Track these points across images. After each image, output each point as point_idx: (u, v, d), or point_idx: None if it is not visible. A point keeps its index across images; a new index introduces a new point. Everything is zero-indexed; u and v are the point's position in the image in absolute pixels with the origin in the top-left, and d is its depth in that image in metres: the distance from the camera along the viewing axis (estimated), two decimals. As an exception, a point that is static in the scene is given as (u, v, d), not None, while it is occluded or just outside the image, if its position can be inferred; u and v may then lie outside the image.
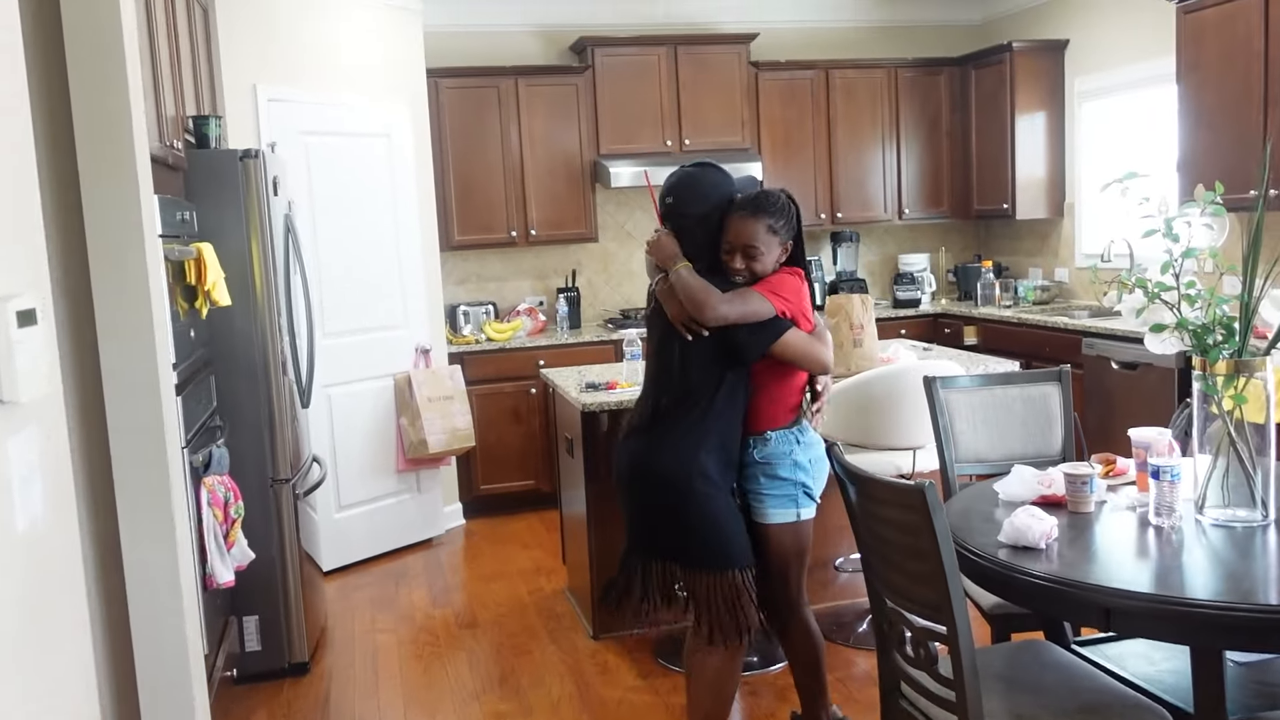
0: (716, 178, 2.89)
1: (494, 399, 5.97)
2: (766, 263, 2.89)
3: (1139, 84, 5.78)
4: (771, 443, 2.95)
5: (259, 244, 3.86)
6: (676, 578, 2.96)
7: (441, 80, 6.00)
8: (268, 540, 3.90)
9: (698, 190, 2.87)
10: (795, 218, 2.95)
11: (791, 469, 2.96)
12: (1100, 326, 5.26)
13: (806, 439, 3.00)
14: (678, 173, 2.93)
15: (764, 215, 2.86)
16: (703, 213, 2.86)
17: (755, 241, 2.86)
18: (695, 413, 2.84)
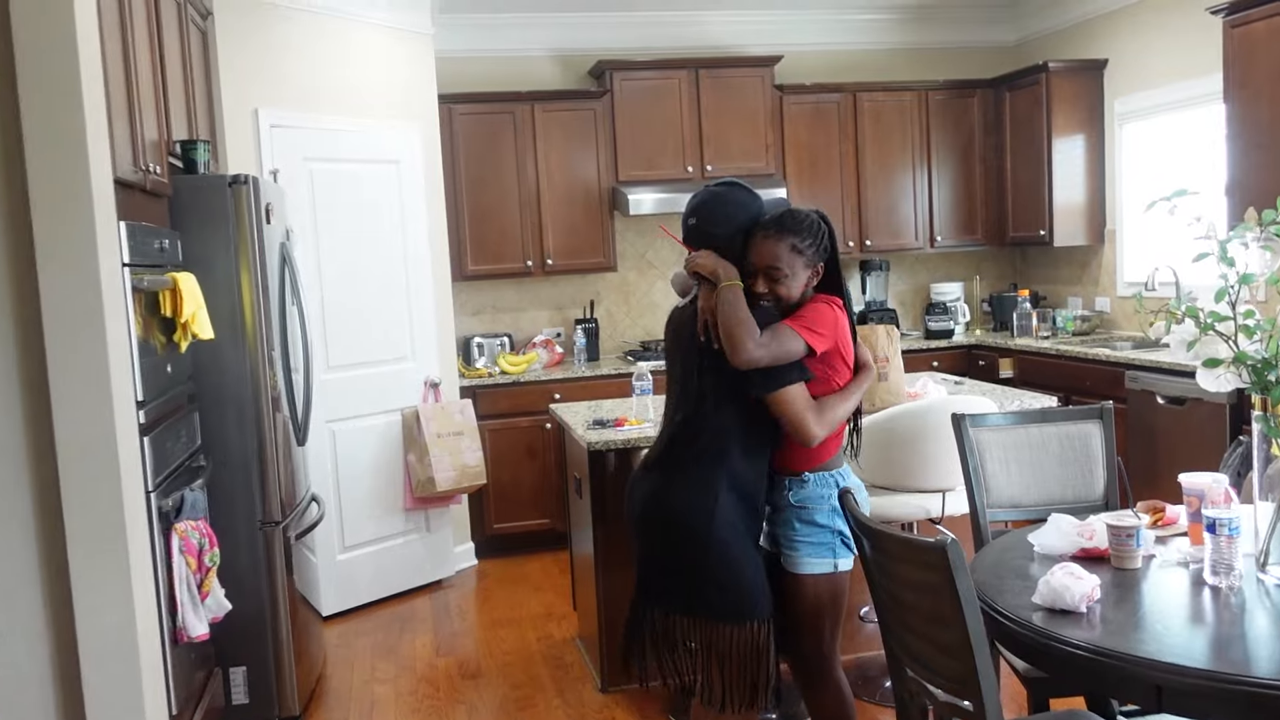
0: (742, 197, 2.67)
1: (507, 434, 5.75)
2: (792, 287, 2.66)
3: (1183, 104, 5.50)
4: (809, 485, 2.70)
5: (250, 274, 3.68)
6: (688, 631, 2.70)
7: (455, 106, 5.84)
8: (257, 586, 3.70)
9: (722, 210, 2.64)
10: (827, 239, 2.71)
11: (830, 515, 2.70)
12: (1144, 359, 4.96)
13: (846, 482, 2.75)
14: (702, 192, 2.71)
15: (788, 234, 2.63)
16: (728, 234, 2.63)
17: (778, 262, 2.63)
18: (715, 448, 2.60)
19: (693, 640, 2.66)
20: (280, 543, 3.77)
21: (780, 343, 2.55)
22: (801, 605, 2.73)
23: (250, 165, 4.58)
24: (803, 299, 2.71)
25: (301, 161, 4.82)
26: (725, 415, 2.59)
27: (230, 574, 3.62)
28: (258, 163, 4.62)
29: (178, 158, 3.62)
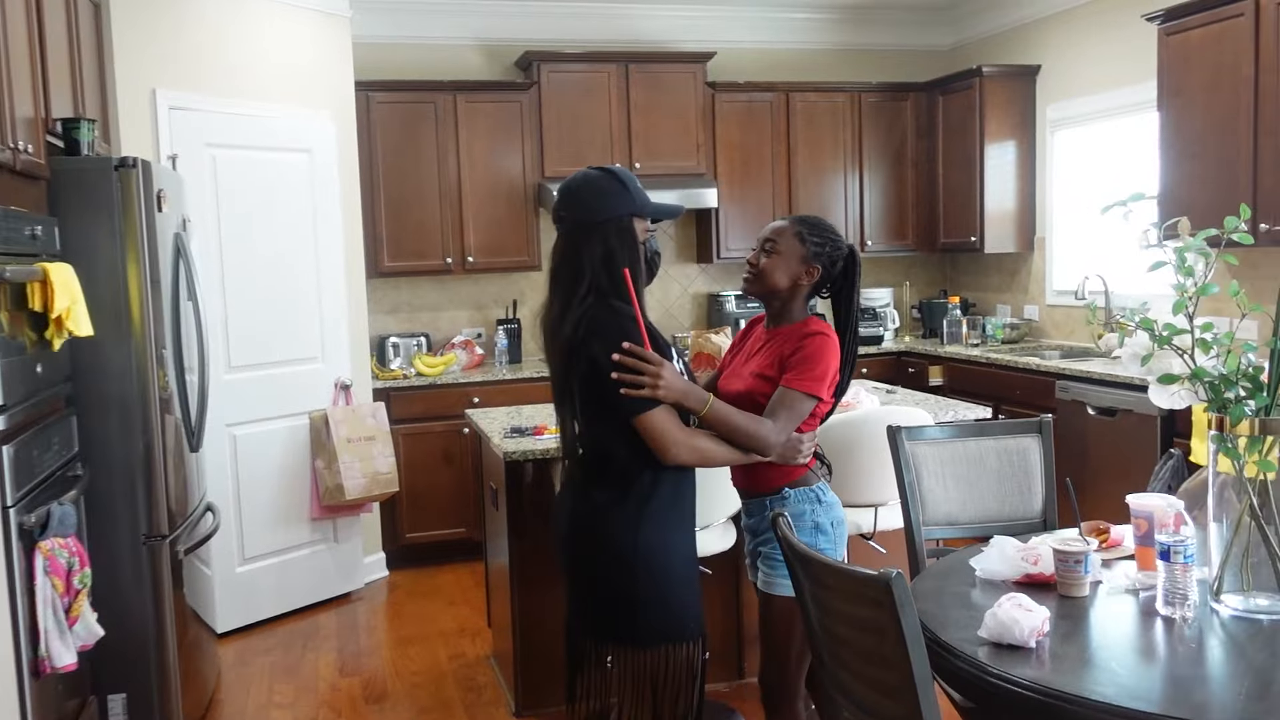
0: (608, 187, 2.37)
1: (423, 439, 5.49)
2: (778, 268, 2.56)
3: (1115, 111, 5.46)
4: (790, 501, 2.57)
5: (138, 265, 3.38)
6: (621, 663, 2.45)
7: (374, 94, 5.57)
8: (140, 605, 3.41)
9: (577, 195, 2.39)
10: (842, 261, 2.61)
11: (811, 533, 2.56)
12: (1075, 369, 4.89)
13: (828, 498, 2.62)
14: (575, 173, 2.49)
15: (801, 223, 2.61)
16: (579, 220, 2.36)
17: (777, 237, 2.58)
18: (617, 462, 2.36)
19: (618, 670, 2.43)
20: (167, 558, 3.48)
21: (794, 412, 2.46)
22: (772, 627, 2.60)
23: (146, 149, 4.26)
24: (792, 308, 2.60)
25: (204, 147, 4.51)
26: (605, 429, 2.36)
27: (110, 593, 3.34)
28: (154, 147, 4.31)
29: (58, 137, 3.31)
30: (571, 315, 2.32)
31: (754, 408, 2.54)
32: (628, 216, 2.38)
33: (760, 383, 2.55)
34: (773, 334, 2.64)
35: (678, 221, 6.48)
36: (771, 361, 2.56)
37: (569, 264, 2.36)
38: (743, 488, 2.65)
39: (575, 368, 2.32)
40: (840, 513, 2.63)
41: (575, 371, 2.33)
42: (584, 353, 2.29)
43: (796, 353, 2.50)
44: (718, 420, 2.38)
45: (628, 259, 2.37)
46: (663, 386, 2.27)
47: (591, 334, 2.28)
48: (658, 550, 2.37)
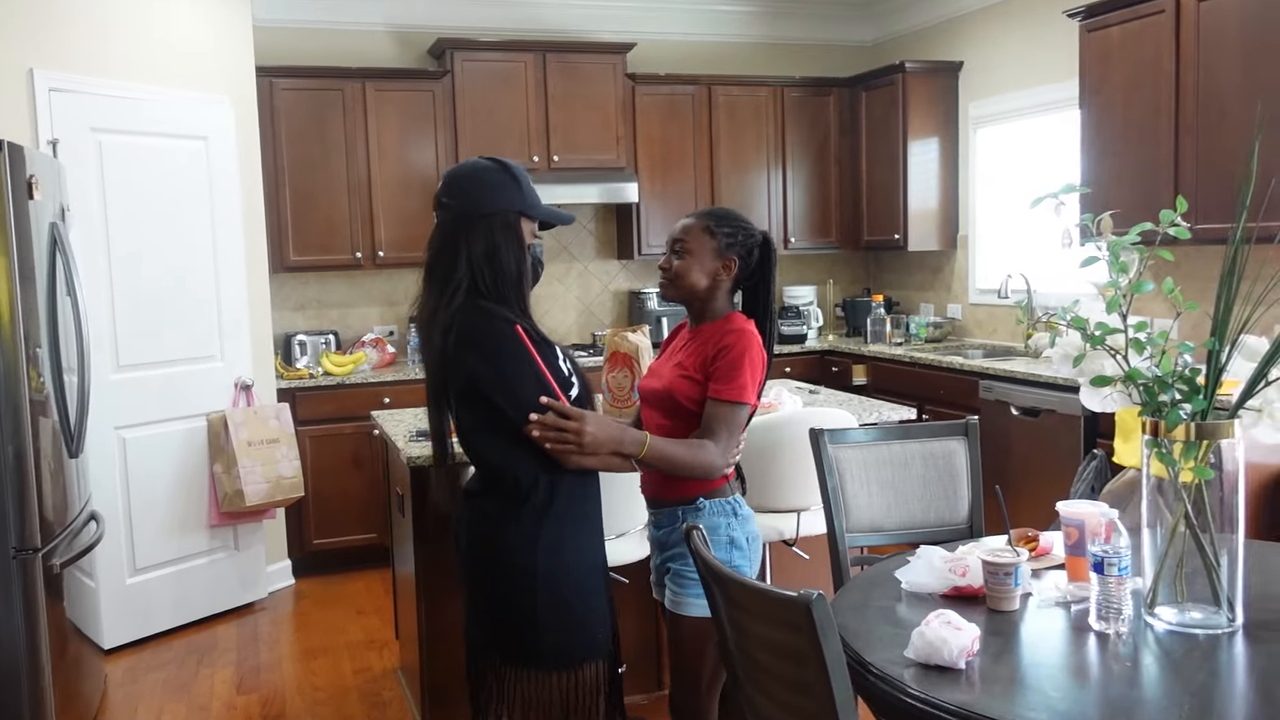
0: (494, 178, 2.20)
1: (331, 441, 5.25)
2: (692, 268, 2.42)
3: (1037, 109, 5.43)
4: (704, 514, 2.40)
5: (6, 258, 3.12)
6: (522, 687, 2.25)
7: (277, 80, 5.31)
8: (9, 625, 3.16)
9: (460, 184, 2.21)
10: (757, 250, 2.48)
11: (726, 549, 2.40)
12: (998, 368, 4.84)
13: (744, 511, 2.47)
14: (464, 162, 2.31)
15: (707, 217, 2.46)
16: (459, 210, 2.17)
17: (685, 236, 2.43)
18: (504, 471, 2.19)
19: (521, 692, 2.25)
20: (40, 572, 3.22)
21: (732, 425, 2.34)
22: (683, 649, 2.43)
23: (23, 133, 3.97)
24: (714, 306, 2.45)
25: (88, 132, 4.22)
26: (492, 439, 2.19)
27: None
28: (32, 131, 4.01)
29: (-87, 116, 3.03)
30: (441, 318, 2.15)
31: (673, 406, 2.41)
32: (515, 214, 2.21)
33: (681, 381, 2.41)
34: (695, 333, 2.50)
35: (598, 217, 6.32)
36: (694, 360, 2.42)
37: (445, 257, 2.19)
38: (651, 496, 2.50)
39: (451, 380, 2.15)
40: (756, 527, 2.50)
41: (451, 383, 2.16)
42: (460, 367, 2.12)
43: (719, 357, 2.36)
44: (658, 459, 2.25)
45: (513, 257, 2.20)
46: (589, 442, 2.12)
47: (466, 344, 2.11)
48: (559, 564, 2.21)
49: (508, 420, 2.12)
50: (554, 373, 2.18)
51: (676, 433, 2.37)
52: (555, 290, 6.28)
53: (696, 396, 2.37)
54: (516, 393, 2.10)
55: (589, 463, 2.16)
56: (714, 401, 2.34)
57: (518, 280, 2.20)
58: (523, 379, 2.11)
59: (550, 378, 2.13)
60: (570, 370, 2.25)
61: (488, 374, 2.09)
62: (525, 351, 2.12)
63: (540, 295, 6.23)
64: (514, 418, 2.11)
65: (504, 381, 2.09)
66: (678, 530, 2.40)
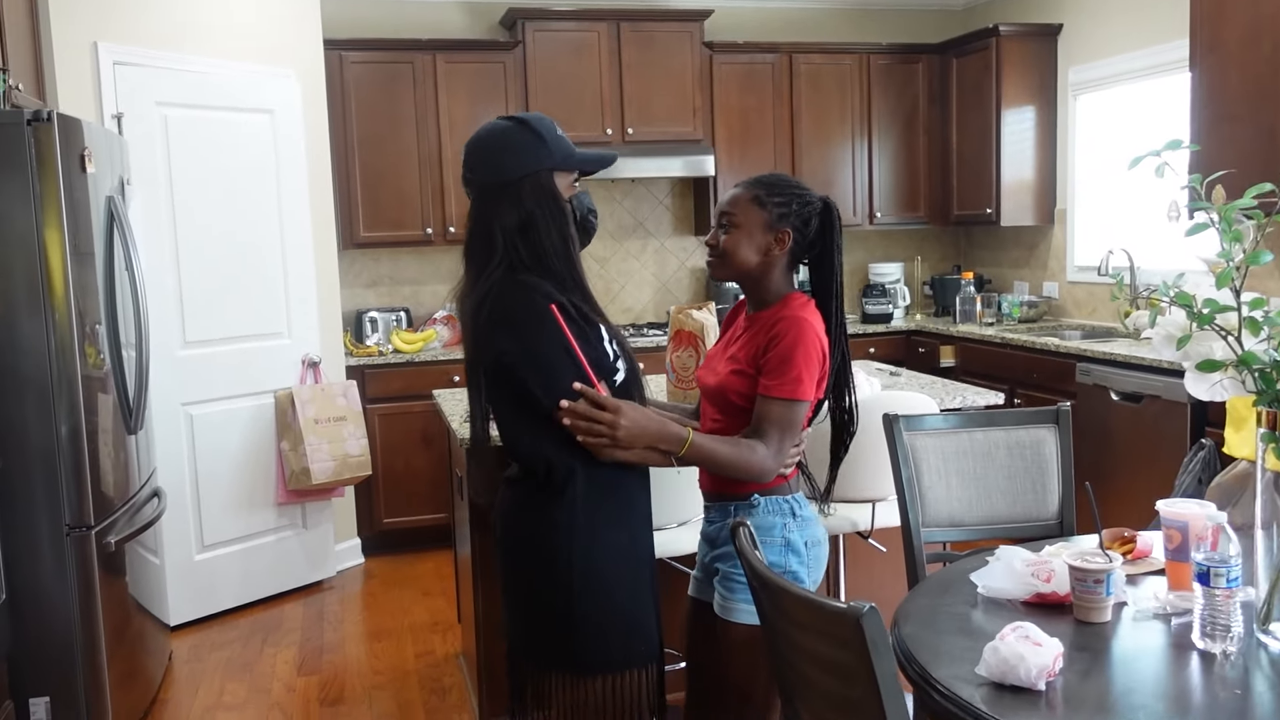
0: (520, 139, 2.01)
1: (400, 419, 5.18)
2: (740, 243, 2.17)
3: (1143, 73, 5.06)
4: (759, 512, 2.18)
5: (58, 232, 3.07)
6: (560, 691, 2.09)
7: (347, 53, 5.23)
8: (62, 602, 3.12)
9: (485, 152, 2.03)
10: (816, 219, 2.20)
11: (782, 552, 2.18)
12: (1097, 350, 4.52)
13: (804, 513, 2.23)
14: (484, 126, 2.11)
15: (757, 186, 2.19)
16: (488, 183, 2.01)
17: (733, 208, 2.18)
18: (543, 461, 2.03)
19: (559, 700, 2.10)
20: (95, 550, 3.18)
21: (785, 424, 2.10)
22: (732, 662, 2.19)
23: (88, 107, 3.94)
24: (770, 285, 2.22)
25: (153, 106, 4.18)
26: (524, 425, 2.03)
27: (31, 589, 3.07)
28: (96, 105, 3.99)
29: (-35, 88, 2.99)
30: (477, 293, 1.99)
31: (726, 403, 2.21)
32: (546, 172, 2.02)
33: (734, 378, 2.19)
34: (752, 319, 2.29)
35: (674, 191, 6.13)
36: (747, 352, 2.20)
37: (480, 235, 2.03)
38: (705, 489, 2.31)
39: (482, 357, 1.99)
40: (820, 532, 2.27)
41: (482, 361, 2.00)
42: (489, 343, 1.96)
43: (769, 348, 2.13)
44: (700, 458, 2.06)
45: (552, 224, 2.02)
46: (624, 435, 1.95)
47: (497, 319, 1.95)
48: (598, 562, 2.04)
49: (539, 404, 1.97)
50: (596, 354, 2.01)
51: (730, 430, 2.18)
52: (631, 267, 6.11)
53: (748, 392, 2.16)
54: (548, 374, 1.93)
55: (623, 456, 1.98)
56: (765, 399, 2.12)
57: (562, 247, 2.02)
58: (555, 359, 1.93)
59: (584, 360, 1.96)
60: (616, 352, 2.08)
61: (516, 352, 1.93)
62: (558, 330, 1.95)
63: (616, 272, 6.08)
64: (545, 401, 1.95)
65: (534, 361, 1.93)
66: (729, 527, 2.21)
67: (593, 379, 1.95)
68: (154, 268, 4.09)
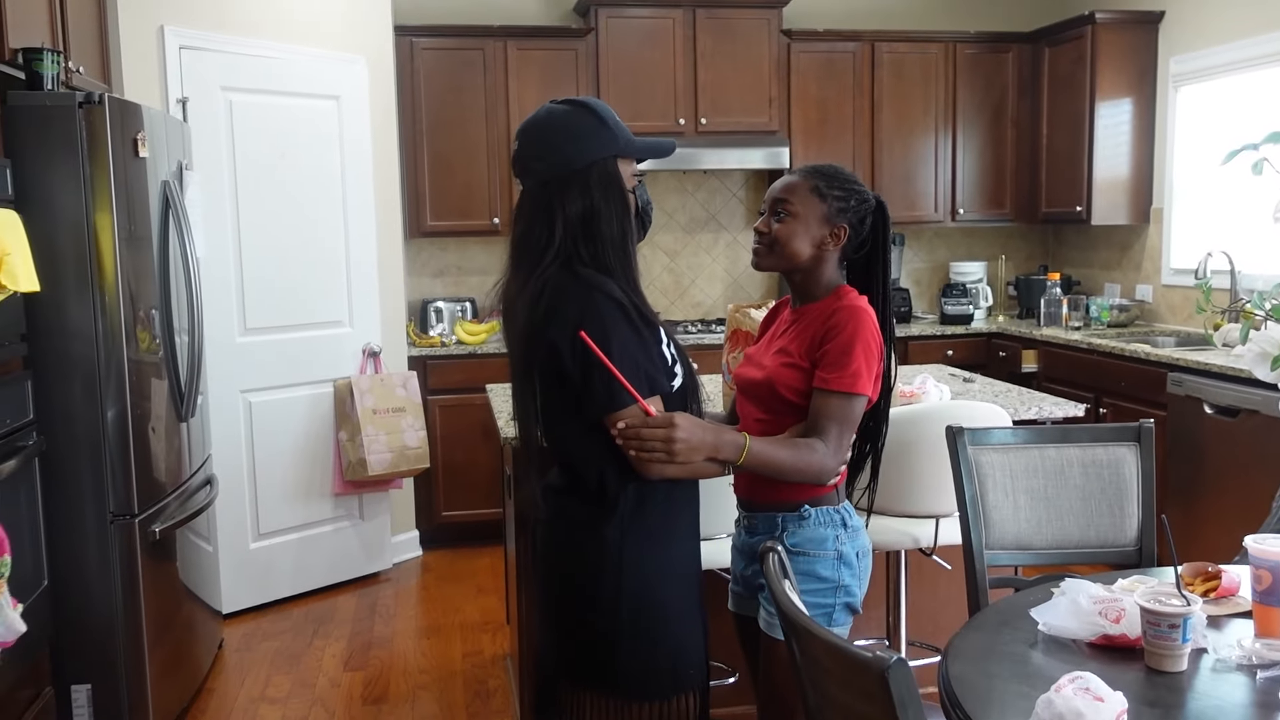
0: (583, 124, 1.88)
1: (461, 411, 5.11)
2: (796, 233, 2.06)
3: (1252, 63, 4.73)
4: (810, 523, 2.06)
5: (109, 215, 3.04)
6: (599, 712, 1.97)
7: (417, 39, 5.17)
8: (106, 589, 3.11)
9: (544, 136, 1.89)
10: (870, 215, 2.10)
11: (835, 566, 2.06)
12: (1191, 359, 4.23)
13: (854, 522, 2.11)
14: (540, 109, 1.98)
15: (815, 176, 2.09)
16: (546, 171, 1.87)
17: (790, 195, 2.07)
18: (586, 471, 1.91)
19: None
20: (139, 539, 3.16)
21: (844, 420, 1.99)
22: (776, 680, 2.07)
23: (153, 92, 3.94)
24: (820, 279, 2.09)
25: (218, 91, 4.16)
26: (571, 431, 1.89)
27: (74, 576, 3.07)
28: (162, 89, 3.98)
29: (19, 68, 2.97)
30: (531, 287, 1.86)
31: (774, 399, 2.07)
32: (611, 159, 1.90)
33: (786, 371, 2.05)
34: (799, 313, 2.14)
35: (748, 184, 5.96)
36: (800, 345, 2.06)
37: (539, 226, 1.88)
38: (745, 496, 2.16)
39: (534, 354, 1.86)
40: (867, 541, 2.13)
41: (535, 358, 1.87)
42: (543, 338, 1.83)
43: (827, 339, 2.00)
44: (760, 464, 1.92)
45: (615, 216, 1.89)
46: (680, 449, 1.79)
47: (553, 313, 1.81)
48: (648, 582, 1.91)
49: (594, 409, 1.84)
50: (656, 357, 1.88)
51: (774, 430, 2.04)
52: (702, 261, 5.96)
53: (802, 387, 2.02)
54: (606, 380, 1.78)
55: (675, 472, 1.84)
56: (822, 393, 1.98)
57: (622, 243, 1.89)
58: (618, 361, 1.78)
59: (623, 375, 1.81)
60: (674, 356, 1.94)
61: (574, 351, 1.79)
62: (625, 329, 1.82)
63: (686, 266, 5.94)
64: (601, 408, 1.81)
65: (593, 362, 1.78)
66: (775, 540, 2.06)
67: (637, 397, 1.81)
68: (215, 254, 4.08)
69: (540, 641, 2.06)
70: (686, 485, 1.98)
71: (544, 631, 2.05)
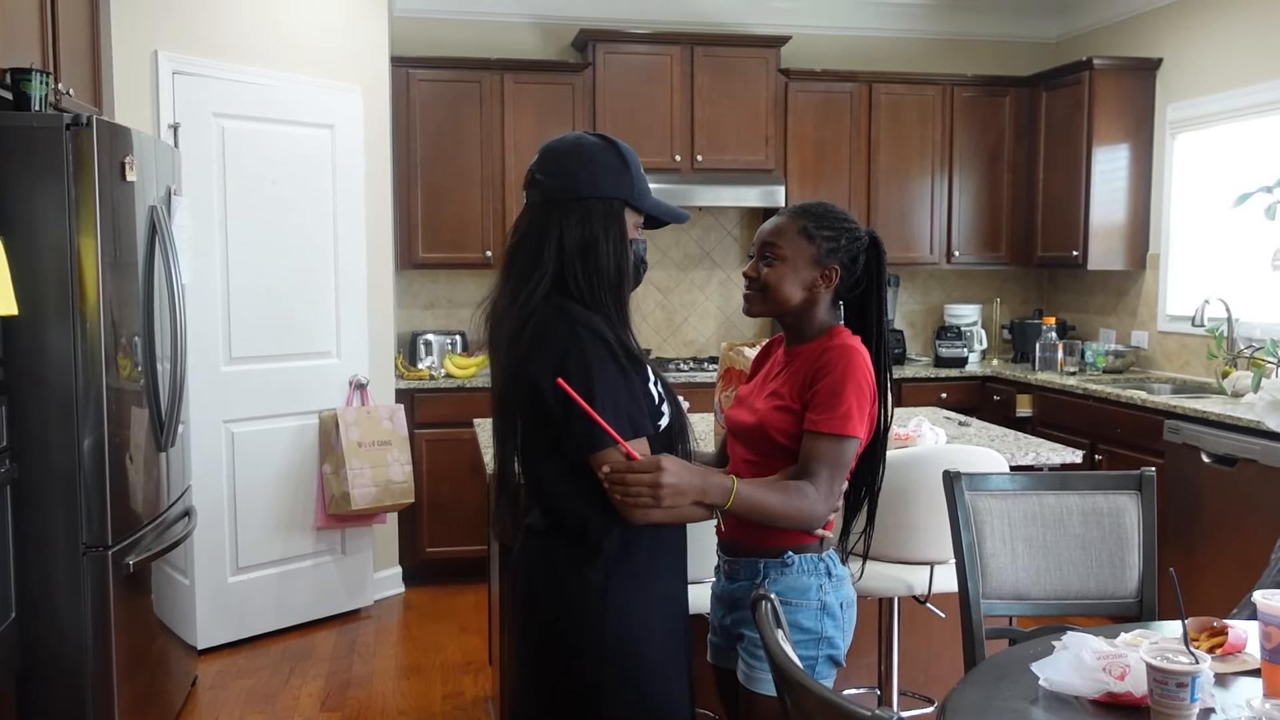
0: (605, 158, 1.85)
1: (448, 446, 5.03)
2: (784, 277, 2.01)
3: (1251, 110, 4.73)
4: (793, 571, 1.99)
5: (93, 240, 2.98)
6: None
7: (414, 71, 5.15)
8: (75, 623, 3.01)
9: (564, 160, 1.86)
10: (862, 255, 2.05)
11: (818, 617, 1.99)
12: (1189, 407, 4.18)
13: (838, 571, 2.04)
14: (568, 135, 1.94)
15: (804, 216, 2.03)
16: (554, 188, 1.83)
17: (778, 239, 2.01)
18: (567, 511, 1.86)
19: None
20: (112, 571, 3.07)
21: (835, 463, 1.92)
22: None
23: (144, 116, 3.90)
24: (812, 320, 2.04)
25: (210, 117, 4.12)
26: (553, 470, 1.83)
27: (42, 608, 2.96)
28: (154, 114, 3.94)
29: (8, 89, 2.93)
30: (515, 315, 1.81)
31: (766, 443, 2.01)
32: (619, 202, 1.85)
33: (778, 414, 1.99)
34: (793, 354, 2.08)
35: (742, 222, 5.93)
36: (791, 387, 2.01)
37: (531, 244, 1.84)
38: (728, 539, 2.09)
39: (516, 389, 1.81)
40: (852, 591, 2.06)
41: (515, 394, 1.81)
42: (525, 375, 1.77)
43: (817, 379, 1.95)
44: (748, 509, 1.85)
45: (612, 253, 1.84)
46: (667, 494, 1.73)
47: (537, 348, 1.76)
48: (633, 629, 1.84)
49: (575, 449, 1.77)
50: (642, 397, 1.82)
51: (764, 472, 1.98)
52: (695, 298, 5.92)
53: (793, 430, 1.96)
54: (590, 418, 1.72)
55: (660, 517, 1.78)
56: (812, 435, 1.92)
57: (616, 281, 1.84)
58: (599, 403, 1.73)
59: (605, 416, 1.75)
60: (661, 394, 1.89)
61: (556, 389, 1.73)
62: (610, 367, 1.77)
63: (679, 304, 5.90)
64: (582, 448, 1.76)
65: (577, 401, 1.72)
66: (756, 585, 1.99)
67: (618, 439, 1.75)
68: (202, 281, 4.03)
69: (517, 689, 1.99)
70: (673, 527, 1.92)
71: (522, 679, 1.97)
